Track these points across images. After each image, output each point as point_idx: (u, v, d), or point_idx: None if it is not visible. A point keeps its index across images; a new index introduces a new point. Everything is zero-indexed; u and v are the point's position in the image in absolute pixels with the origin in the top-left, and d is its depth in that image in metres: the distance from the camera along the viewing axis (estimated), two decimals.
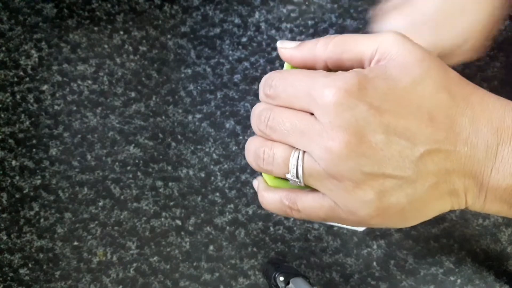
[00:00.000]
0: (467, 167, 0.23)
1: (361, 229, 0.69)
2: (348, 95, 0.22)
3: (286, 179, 0.27)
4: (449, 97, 0.23)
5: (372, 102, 0.22)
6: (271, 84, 0.25)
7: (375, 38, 0.24)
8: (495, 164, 0.23)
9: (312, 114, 0.23)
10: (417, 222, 0.25)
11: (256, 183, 0.28)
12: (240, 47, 0.76)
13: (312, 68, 0.26)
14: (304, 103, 0.24)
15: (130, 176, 0.73)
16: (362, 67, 0.25)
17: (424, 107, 0.23)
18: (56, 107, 0.75)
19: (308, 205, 0.25)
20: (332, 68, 0.26)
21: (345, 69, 0.24)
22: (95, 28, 0.76)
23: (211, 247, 0.72)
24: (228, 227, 0.72)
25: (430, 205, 0.24)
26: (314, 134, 0.23)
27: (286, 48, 0.27)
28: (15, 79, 0.75)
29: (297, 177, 0.24)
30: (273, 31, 0.76)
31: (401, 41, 0.24)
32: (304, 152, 0.24)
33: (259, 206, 0.72)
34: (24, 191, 0.73)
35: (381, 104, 0.22)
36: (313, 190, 0.25)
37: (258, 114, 0.25)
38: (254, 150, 0.25)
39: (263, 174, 0.28)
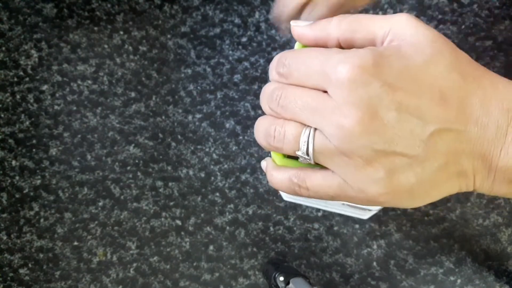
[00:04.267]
0: (477, 147, 0.23)
1: (366, 216, 0.68)
2: (363, 71, 0.22)
3: (295, 159, 0.26)
4: (461, 77, 0.23)
5: (386, 80, 0.22)
6: (284, 63, 0.25)
7: (388, 19, 0.24)
8: (505, 145, 0.23)
9: (325, 91, 0.23)
10: (424, 203, 0.25)
11: (265, 163, 0.28)
12: (240, 47, 0.76)
13: (324, 47, 0.26)
14: (317, 80, 0.23)
15: (130, 176, 0.73)
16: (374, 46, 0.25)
17: (436, 86, 0.23)
18: (56, 107, 0.75)
19: (317, 183, 0.25)
20: (345, 47, 0.25)
21: (357, 48, 0.24)
22: (95, 28, 0.76)
23: (211, 247, 0.72)
24: (228, 227, 0.72)
25: (438, 186, 0.24)
26: (327, 111, 0.23)
27: (299, 26, 0.26)
28: (15, 79, 0.75)
29: (308, 154, 0.24)
30: (273, 31, 0.76)
31: (414, 23, 0.24)
32: (315, 129, 0.24)
33: (259, 206, 0.72)
34: (24, 191, 0.73)
35: (395, 81, 0.22)
36: (322, 168, 0.25)
37: (270, 93, 0.25)
38: (265, 129, 0.25)
39: (271, 154, 0.28)
